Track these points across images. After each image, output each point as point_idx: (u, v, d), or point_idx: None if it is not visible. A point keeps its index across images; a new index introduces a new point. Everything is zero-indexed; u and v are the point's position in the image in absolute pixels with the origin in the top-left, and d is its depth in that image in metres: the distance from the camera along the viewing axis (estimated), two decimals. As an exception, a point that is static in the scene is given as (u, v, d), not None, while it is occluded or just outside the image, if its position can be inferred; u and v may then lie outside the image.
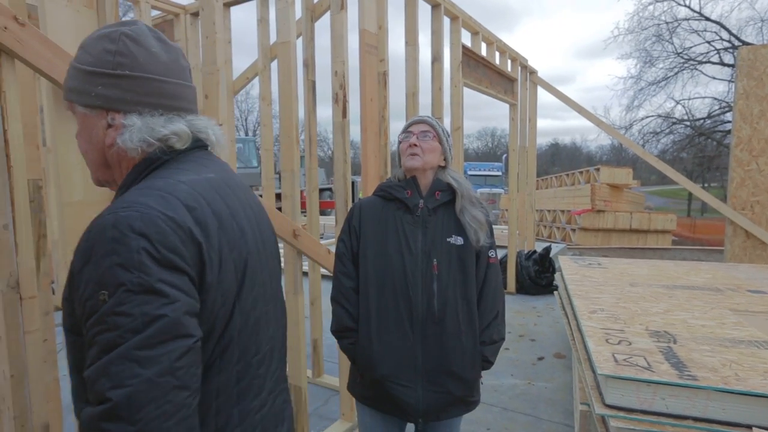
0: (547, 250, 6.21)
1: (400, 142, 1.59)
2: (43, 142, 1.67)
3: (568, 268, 3.96)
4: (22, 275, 1.28)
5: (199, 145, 0.86)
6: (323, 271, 3.14)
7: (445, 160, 1.58)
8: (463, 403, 1.51)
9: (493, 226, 1.65)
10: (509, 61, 5.58)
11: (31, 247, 1.31)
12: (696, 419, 1.68)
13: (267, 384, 0.87)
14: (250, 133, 37.67)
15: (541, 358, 3.94)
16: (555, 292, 4.17)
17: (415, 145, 1.51)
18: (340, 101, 2.65)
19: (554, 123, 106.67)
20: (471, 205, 1.53)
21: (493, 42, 5.02)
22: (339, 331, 1.54)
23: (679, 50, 19.05)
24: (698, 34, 18.48)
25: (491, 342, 1.53)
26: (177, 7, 3.88)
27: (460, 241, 1.49)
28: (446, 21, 3.95)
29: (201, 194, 0.76)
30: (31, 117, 1.64)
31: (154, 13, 4.03)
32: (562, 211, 12.68)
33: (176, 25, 3.89)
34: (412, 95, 3.28)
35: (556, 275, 4.53)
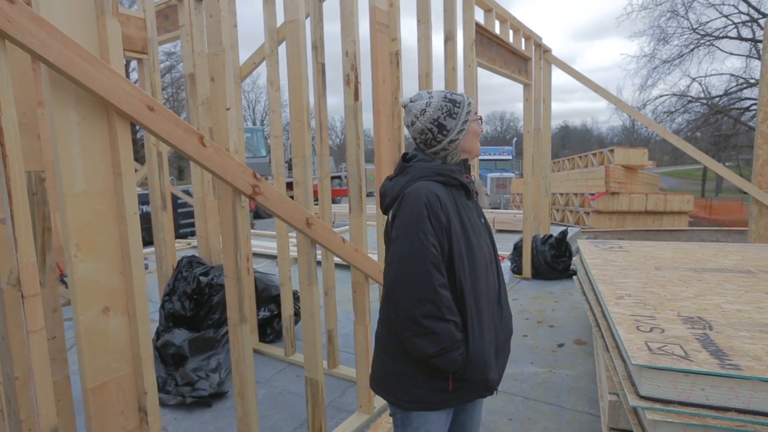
0: (564, 233, 6.08)
1: (465, 122, 1.39)
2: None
3: (589, 252, 3.84)
4: (23, 271, 1.21)
5: None
6: (336, 260, 3.06)
7: None
8: None
9: (505, 212, 1.69)
10: (523, 40, 5.39)
11: (32, 242, 1.24)
12: (739, 411, 1.58)
13: None
14: (258, 123, 37.58)
15: (561, 345, 3.85)
16: (574, 277, 4.05)
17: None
18: (352, 83, 2.54)
19: (557, 106, 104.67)
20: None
21: (506, 20, 4.84)
22: (449, 347, 1.27)
23: (695, 26, 18.51)
24: (715, 8, 17.93)
25: None
26: (180, -8, 3.77)
27: (483, 218, 1.52)
28: (458, -2, 3.79)
29: None
30: (30, 105, 1.56)
31: (157, -2, 3.93)
32: (575, 194, 12.45)
33: (180, 10, 3.78)
34: (425, 76, 3.15)
35: (575, 259, 4.40)
